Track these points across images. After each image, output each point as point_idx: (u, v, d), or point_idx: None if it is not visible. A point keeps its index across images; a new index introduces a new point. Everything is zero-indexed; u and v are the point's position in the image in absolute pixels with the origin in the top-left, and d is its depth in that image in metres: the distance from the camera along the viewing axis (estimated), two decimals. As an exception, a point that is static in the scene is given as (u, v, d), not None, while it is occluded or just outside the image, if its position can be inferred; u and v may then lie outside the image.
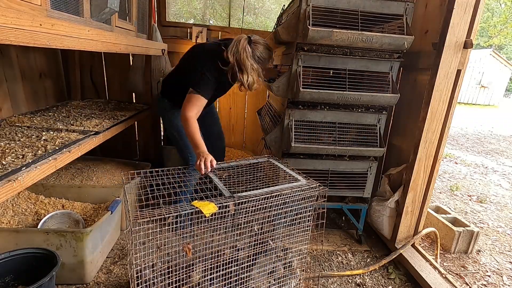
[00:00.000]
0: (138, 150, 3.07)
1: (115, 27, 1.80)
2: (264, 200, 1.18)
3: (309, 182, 1.33)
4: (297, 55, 1.69)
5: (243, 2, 2.90)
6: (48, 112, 1.99)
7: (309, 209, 1.32)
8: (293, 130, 1.78)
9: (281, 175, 1.48)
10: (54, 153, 1.28)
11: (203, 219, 1.06)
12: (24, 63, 2.04)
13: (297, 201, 1.27)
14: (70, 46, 1.17)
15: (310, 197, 1.29)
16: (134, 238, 0.96)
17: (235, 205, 1.13)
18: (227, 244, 1.27)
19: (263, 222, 1.27)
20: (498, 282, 1.84)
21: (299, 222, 1.34)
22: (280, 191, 1.22)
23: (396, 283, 1.73)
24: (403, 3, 1.64)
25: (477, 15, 1.56)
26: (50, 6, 1.18)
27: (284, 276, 1.41)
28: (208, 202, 1.09)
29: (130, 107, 2.40)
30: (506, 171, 4.25)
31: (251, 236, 1.30)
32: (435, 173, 1.81)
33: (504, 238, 2.38)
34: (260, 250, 1.36)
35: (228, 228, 1.20)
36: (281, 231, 1.39)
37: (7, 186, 0.99)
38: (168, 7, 2.87)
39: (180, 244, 1.16)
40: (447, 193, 3.24)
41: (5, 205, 1.64)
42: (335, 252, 1.98)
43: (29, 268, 1.33)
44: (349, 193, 1.97)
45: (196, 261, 1.28)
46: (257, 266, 1.33)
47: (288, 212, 1.28)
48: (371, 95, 1.72)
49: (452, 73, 1.64)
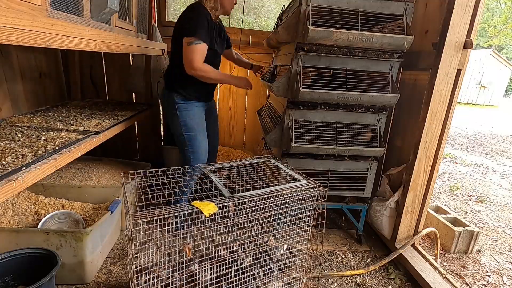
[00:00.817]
0: (138, 150, 3.07)
1: (115, 27, 1.80)
2: (264, 200, 1.18)
3: (309, 182, 1.33)
4: (297, 55, 1.69)
5: (243, 2, 2.90)
6: (48, 112, 1.99)
7: (309, 209, 1.32)
8: (293, 130, 1.78)
9: (281, 175, 1.48)
10: (54, 153, 1.28)
11: (203, 219, 1.06)
12: (24, 63, 2.04)
13: (297, 201, 1.27)
14: (70, 46, 1.17)
15: (310, 197, 1.29)
16: (134, 239, 0.96)
17: (235, 205, 1.13)
18: (227, 244, 1.26)
19: (263, 222, 1.27)
20: (498, 282, 1.84)
21: (299, 222, 1.34)
22: (280, 191, 1.22)
23: (396, 283, 1.73)
24: (403, 3, 1.64)
25: (477, 15, 1.56)
26: (50, 6, 1.18)
27: (284, 276, 1.41)
28: (208, 202, 1.09)
29: (130, 107, 2.40)
30: (506, 171, 4.25)
31: (251, 236, 1.30)
32: (435, 173, 1.81)
33: (504, 238, 2.38)
34: (260, 251, 1.36)
35: (228, 228, 1.20)
36: (282, 231, 1.39)
37: (7, 186, 0.99)
38: (168, 7, 2.86)
39: (180, 244, 1.16)
40: (447, 193, 3.24)
41: (5, 205, 1.64)
42: (335, 252, 1.98)
43: (29, 268, 1.33)
44: (349, 193, 1.97)
45: (195, 260, 1.28)
46: (257, 266, 1.33)
47: (288, 212, 1.28)
48: (371, 95, 1.72)
49: (452, 73, 1.64)
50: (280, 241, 1.41)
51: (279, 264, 1.40)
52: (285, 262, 1.42)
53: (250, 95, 3.16)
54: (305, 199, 1.29)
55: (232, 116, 3.26)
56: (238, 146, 3.34)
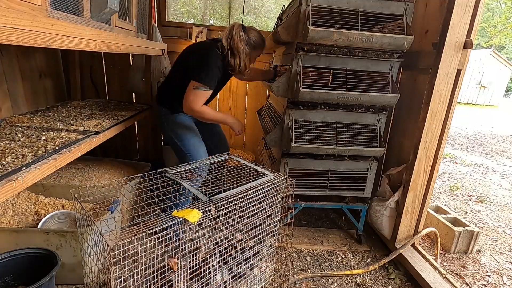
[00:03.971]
0: (138, 150, 3.07)
1: (115, 27, 1.80)
2: (243, 198, 1.17)
3: (277, 175, 1.38)
4: (297, 55, 1.69)
5: (243, 2, 2.91)
6: (48, 112, 1.99)
7: (279, 201, 1.37)
8: (293, 130, 1.78)
9: (248, 171, 1.50)
10: (54, 153, 1.28)
11: (188, 227, 1.01)
12: (24, 63, 2.04)
13: (271, 195, 1.28)
14: (70, 46, 1.17)
15: (280, 188, 1.32)
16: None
17: (216, 208, 1.09)
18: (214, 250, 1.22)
19: (244, 220, 1.25)
20: (498, 282, 1.84)
21: (271, 214, 1.35)
22: (256, 187, 1.21)
23: (396, 283, 1.73)
24: (403, 3, 1.64)
25: (477, 15, 1.56)
26: (50, 6, 1.18)
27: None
28: (189, 209, 1.03)
29: (130, 107, 2.40)
30: (506, 171, 4.25)
31: (231, 236, 1.27)
32: (435, 173, 1.81)
33: (504, 238, 2.38)
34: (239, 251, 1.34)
35: (211, 232, 1.16)
36: (259, 228, 1.38)
37: (7, 186, 0.99)
38: (168, 7, 2.86)
39: (165, 259, 1.07)
40: (447, 193, 3.24)
41: (5, 205, 1.64)
42: (335, 252, 1.98)
43: (29, 268, 1.33)
44: (349, 193, 1.97)
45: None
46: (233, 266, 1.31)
47: (264, 207, 1.29)
48: (371, 95, 1.72)
49: (452, 73, 1.64)
50: (258, 238, 1.39)
51: (253, 262, 1.40)
52: (260, 258, 1.42)
53: (250, 95, 3.16)
54: (278, 191, 1.31)
55: (232, 116, 3.25)
56: (238, 146, 3.34)
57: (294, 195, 1.47)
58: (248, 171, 1.49)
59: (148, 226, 0.93)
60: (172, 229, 0.99)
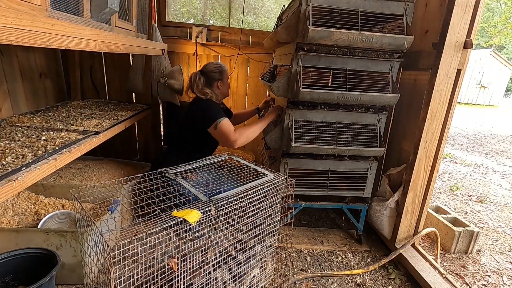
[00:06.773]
0: (138, 150, 3.07)
1: (115, 27, 1.80)
2: (243, 198, 1.17)
3: (277, 175, 1.38)
4: (297, 55, 1.69)
5: (243, 2, 2.90)
6: (48, 112, 1.99)
7: (279, 201, 1.37)
8: (293, 130, 1.78)
9: (248, 171, 1.50)
10: (54, 153, 1.28)
11: (188, 227, 1.00)
12: (24, 63, 2.04)
13: (271, 195, 1.28)
14: (70, 46, 1.17)
15: (280, 188, 1.32)
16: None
17: (216, 208, 1.09)
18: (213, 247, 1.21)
19: (244, 220, 1.25)
20: (498, 282, 1.84)
21: (271, 214, 1.35)
22: (255, 187, 1.21)
23: (396, 283, 1.73)
24: (403, 3, 1.64)
25: (477, 15, 1.56)
26: (50, 6, 1.18)
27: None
28: (189, 210, 1.03)
29: (130, 107, 2.40)
30: (506, 171, 4.25)
31: (233, 236, 1.26)
32: (435, 173, 1.81)
33: (504, 238, 2.38)
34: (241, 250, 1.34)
35: (211, 233, 1.15)
36: (259, 228, 1.38)
37: (7, 186, 0.99)
38: (168, 7, 2.86)
39: (165, 259, 1.06)
40: (447, 193, 3.24)
41: (5, 205, 1.64)
42: (335, 252, 1.98)
43: (29, 268, 1.33)
44: (349, 193, 1.97)
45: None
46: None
47: (264, 207, 1.29)
48: (371, 95, 1.72)
49: (452, 73, 1.64)
50: (258, 238, 1.39)
51: (253, 262, 1.40)
52: (260, 258, 1.42)
53: (250, 95, 3.16)
54: (278, 191, 1.31)
55: (232, 116, 3.25)
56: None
57: (294, 195, 1.47)
58: (248, 171, 1.49)
59: (148, 226, 0.93)
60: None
